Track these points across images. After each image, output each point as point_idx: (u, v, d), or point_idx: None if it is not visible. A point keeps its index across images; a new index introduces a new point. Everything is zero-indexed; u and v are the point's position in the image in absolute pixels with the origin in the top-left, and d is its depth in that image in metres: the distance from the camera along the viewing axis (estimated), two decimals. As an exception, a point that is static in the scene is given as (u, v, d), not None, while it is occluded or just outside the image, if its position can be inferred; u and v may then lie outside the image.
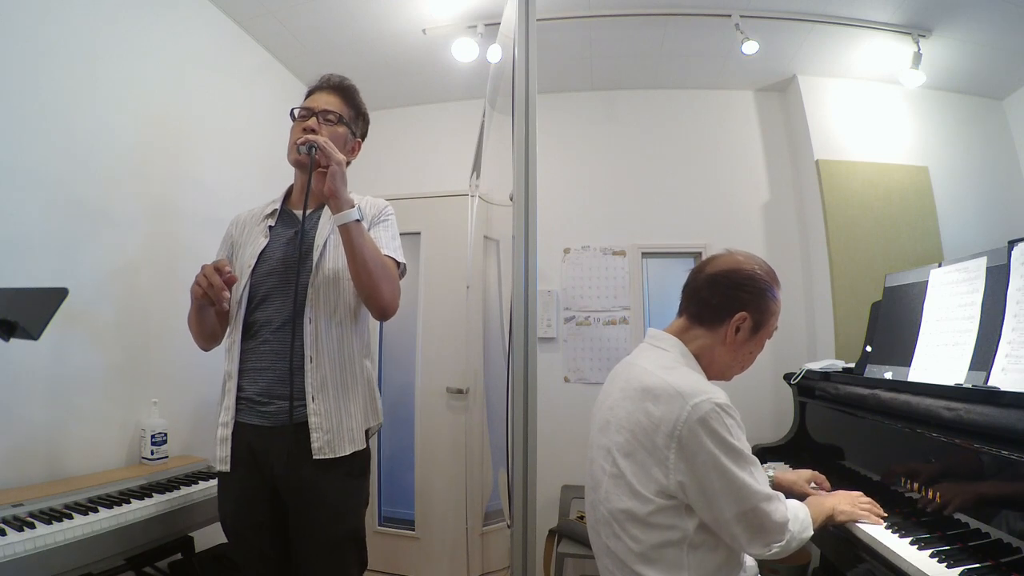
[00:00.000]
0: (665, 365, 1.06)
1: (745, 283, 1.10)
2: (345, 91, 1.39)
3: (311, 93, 1.39)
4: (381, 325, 2.85)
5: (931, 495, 1.22)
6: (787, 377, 2.15)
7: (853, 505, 1.25)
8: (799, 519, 1.04)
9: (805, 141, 2.69)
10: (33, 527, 1.13)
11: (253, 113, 2.42)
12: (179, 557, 1.63)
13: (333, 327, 1.26)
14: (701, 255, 2.78)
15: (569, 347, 2.85)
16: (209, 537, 1.70)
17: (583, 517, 2.24)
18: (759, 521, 0.96)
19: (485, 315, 2.57)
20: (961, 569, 1.00)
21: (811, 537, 1.08)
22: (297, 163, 1.30)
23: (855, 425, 1.64)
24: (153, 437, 1.71)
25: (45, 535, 1.12)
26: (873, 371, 1.69)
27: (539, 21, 1.43)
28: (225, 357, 1.29)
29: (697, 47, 2.61)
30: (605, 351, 2.81)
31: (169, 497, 1.45)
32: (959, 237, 2.48)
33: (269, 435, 1.20)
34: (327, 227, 1.30)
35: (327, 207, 1.26)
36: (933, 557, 1.05)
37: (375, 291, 1.22)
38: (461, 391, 2.69)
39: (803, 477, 1.46)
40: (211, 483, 1.59)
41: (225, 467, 1.22)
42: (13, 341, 0.88)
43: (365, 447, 1.30)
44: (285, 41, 2.50)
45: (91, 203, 1.66)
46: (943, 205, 2.55)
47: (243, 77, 2.39)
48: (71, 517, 1.21)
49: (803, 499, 1.20)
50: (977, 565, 1.01)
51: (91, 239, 1.65)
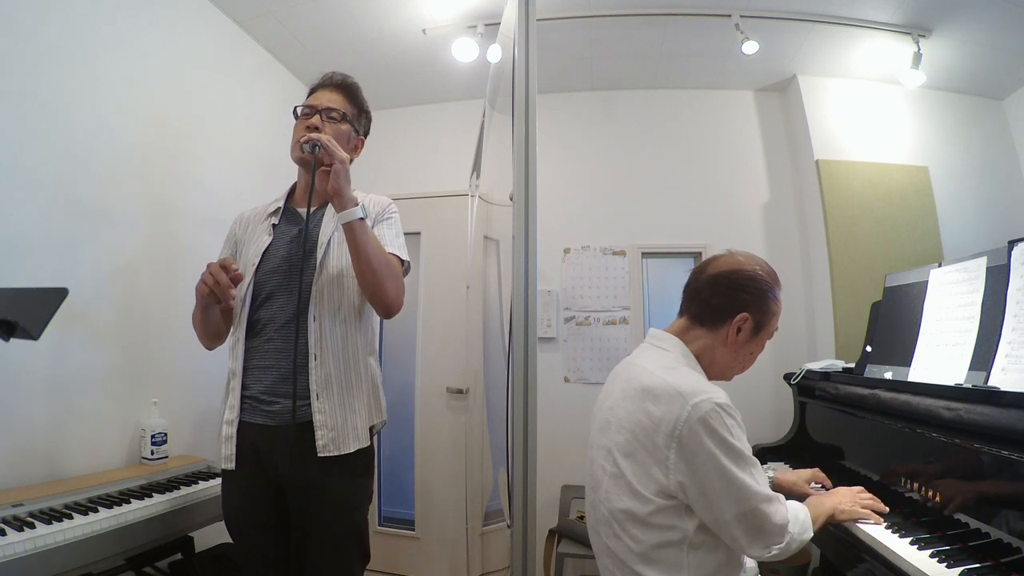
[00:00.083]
0: (666, 365, 1.06)
1: (746, 284, 1.10)
2: (348, 89, 1.38)
3: (314, 91, 1.39)
4: (381, 325, 2.85)
5: (931, 495, 1.22)
6: (787, 377, 2.15)
7: (854, 503, 1.25)
8: (799, 520, 1.04)
9: (805, 141, 2.69)
10: (33, 527, 1.13)
11: (253, 113, 2.42)
12: (179, 557, 1.63)
13: (337, 325, 1.26)
14: (701, 255, 2.78)
15: (569, 347, 2.85)
16: (209, 537, 1.71)
17: (583, 517, 2.24)
18: (759, 522, 0.96)
19: (485, 315, 2.57)
20: (961, 569, 1.00)
21: (811, 538, 1.09)
22: (300, 161, 1.31)
23: (855, 425, 1.64)
24: (153, 437, 1.71)
25: (45, 535, 1.12)
26: (873, 371, 1.69)
27: (539, 21, 1.43)
28: (229, 355, 1.29)
29: (697, 47, 2.61)
30: (605, 351, 2.81)
31: (169, 497, 1.45)
32: (959, 237, 2.48)
33: (273, 434, 1.20)
34: (331, 225, 1.30)
35: (331, 205, 1.26)
36: (933, 557, 1.05)
37: (379, 289, 1.22)
38: (461, 391, 2.69)
39: (803, 477, 1.46)
40: (211, 483, 1.59)
41: (230, 465, 1.22)
42: (13, 341, 0.88)
43: (369, 444, 1.30)
44: (285, 41, 2.50)
45: (91, 203, 1.66)
46: (943, 205, 2.55)
47: (243, 77, 2.39)
48: (71, 517, 1.21)
49: (803, 500, 1.20)
50: (977, 565, 1.01)
51: (91, 239, 1.65)
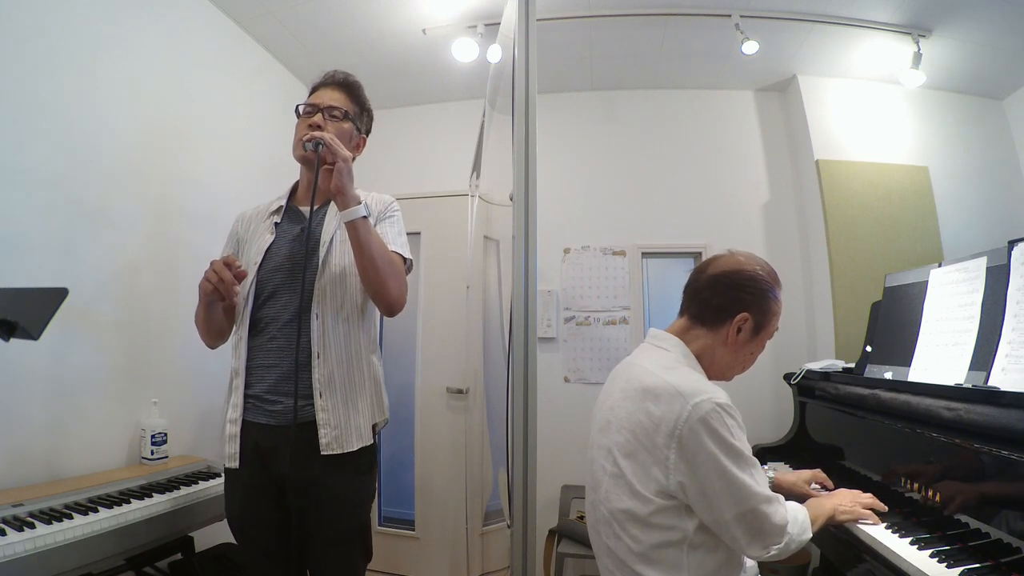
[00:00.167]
0: (666, 365, 1.06)
1: (747, 284, 1.10)
2: (350, 87, 1.38)
3: (315, 89, 1.38)
4: (381, 324, 2.85)
5: (931, 495, 1.22)
6: (787, 377, 2.15)
7: (854, 504, 1.25)
8: (798, 521, 1.04)
9: (805, 141, 2.69)
10: (33, 527, 1.13)
11: (253, 113, 2.42)
12: (179, 557, 1.63)
13: (340, 323, 1.25)
14: (701, 255, 2.78)
15: (569, 347, 2.85)
16: (209, 537, 1.71)
17: (583, 517, 2.24)
18: (758, 523, 0.96)
19: (485, 315, 2.57)
20: (961, 569, 1.00)
21: (811, 538, 1.08)
22: (303, 159, 1.31)
23: (855, 425, 1.64)
24: (153, 437, 1.71)
25: (45, 535, 1.12)
26: (873, 371, 1.69)
27: (539, 21, 1.43)
28: (232, 354, 1.29)
29: (697, 47, 2.61)
30: (605, 351, 2.81)
31: (169, 497, 1.45)
32: (959, 237, 2.48)
33: (277, 433, 1.20)
34: (333, 223, 1.30)
35: (333, 203, 1.26)
36: (933, 557, 1.05)
37: (382, 287, 1.22)
38: (461, 391, 2.69)
39: (803, 478, 1.46)
40: (211, 483, 1.59)
41: (234, 464, 1.22)
42: (13, 341, 0.88)
43: (373, 442, 1.30)
44: (285, 41, 2.50)
45: (91, 203, 1.66)
46: (943, 205, 2.55)
47: (243, 77, 2.39)
48: (71, 517, 1.21)
49: (803, 500, 1.20)
50: (977, 565, 1.01)
51: (91, 239, 1.65)
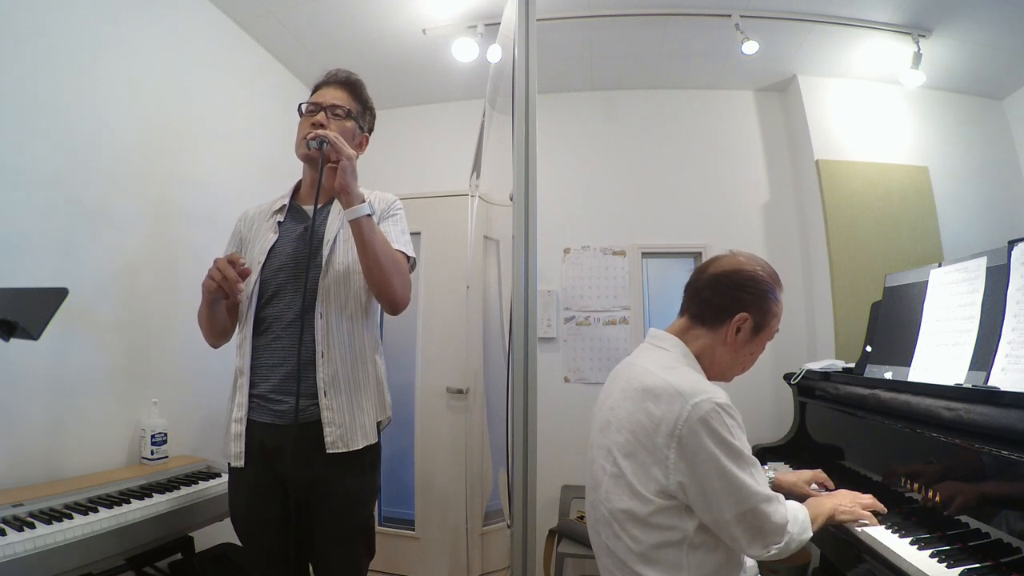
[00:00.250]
0: (666, 365, 1.06)
1: (747, 284, 1.11)
2: (352, 86, 1.38)
3: (318, 88, 1.39)
4: (381, 324, 2.85)
5: (931, 495, 1.22)
6: (787, 377, 2.15)
7: (854, 504, 1.25)
8: (798, 521, 1.04)
9: (805, 141, 2.69)
10: (33, 527, 1.13)
11: (253, 113, 2.42)
12: (179, 557, 1.63)
13: (344, 322, 1.26)
14: (701, 255, 2.78)
15: (569, 347, 2.85)
16: (209, 537, 1.71)
17: (583, 517, 2.24)
18: (758, 522, 0.96)
19: (485, 315, 2.57)
20: (961, 569, 1.00)
21: (811, 538, 1.08)
22: (306, 158, 1.31)
23: (855, 425, 1.64)
24: (153, 437, 1.71)
25: (45, 535, 1.12)
26: (873, 371, 1.69)
27: (539, 21, 1.43)
28: (236, 353, 1.29)
29: (697, 47, 2.61)
30: (605, 351, 2.81)
31: (169, 497, 1.45)
32: (959, 237, 2.48)
33: (282, 433, 1.20)
34: (337, 222, 1.30)
35: (337, 202, 1.26)
36: (933, 557, 1.06)
37: (386, 285, 1.22)
38: (461, 391, 2.69)
39: (803, 478, 1.46)
40: (212, 483, 1.59)
41: (239, 463, 1.22)
42: (13, 341, 0.88)
43: (377, 441, 1.30)
44: (285, 41, 2.49)
45: (91, 203, 1.66)
46: (943, 205, 2.55)
47: (243, 77, 2.39)
48: (71, 517, 1.21)
49: (803, 500, 1.20)
50: (977, 565, 1.01)
51: (91, 239, 1.65)
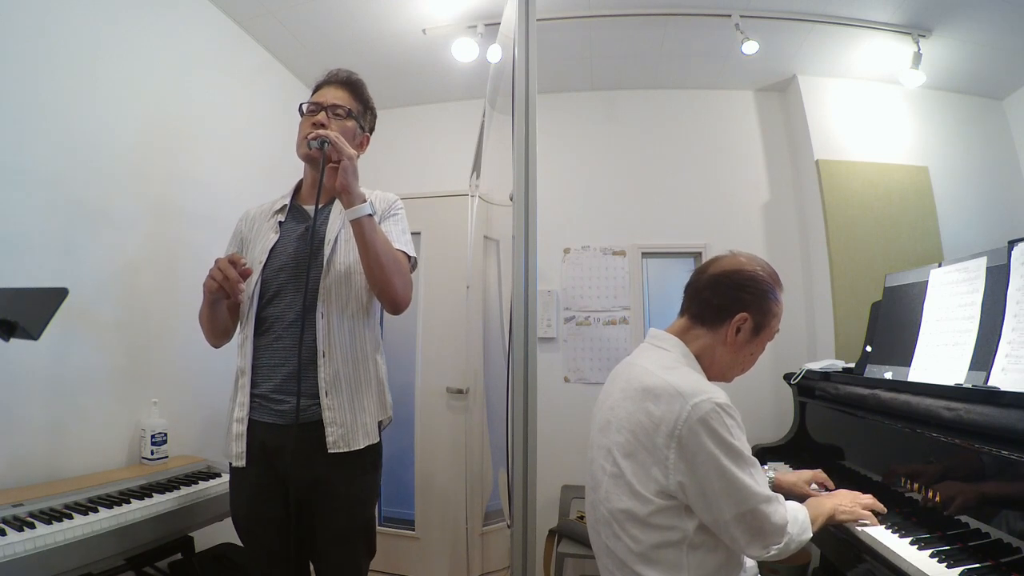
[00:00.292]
0: (666, 365, 1.06)
1: (747, 284, 1.11)
2: (353, 85, 1.38)
3: (319, 87, 1.38)
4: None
5: (931, 495, 1.22)
6: (787, 377, 2.15)
7: (854, 505, 1.25)
8: (798, 521, 1.04)
9: (805, 141, 2.69)
10: (33, 527, 1.13)
11: (253, 113, 2.42)
12: (179, 557, 1.63)
13: (345, 322, 1.26)
14: (701, 255, 2.78)
15: (569, 347, 2.85)
16: (209, 537, 1.71)
17: (583, 517, 2.24)
18: (758, 523, 0.96)
19: (485, 315, 2.57)
20: (961, 569, 1.00)
21: (811, 538, 1.08)
22: (307, 157, 1.30)
23: (855, 425, 1.64)
24: (153, 437, 1.71)
25: (45, 535, 1.12)
26: (873, 371, 1.69)
27: (539, 21, 1.42)
28: (237, 353, 1.29)
29: (697, 47, 2.61)
30: (605, 351, 2.81)
31: (169, 497, 1.45)
32: (959, 237, 2.48)
33: (284, 433, 1.20)
34: (338, 222, 1.30)
35: (337, 202, 1.26)
36: (933, 557, 1.06)
37: (388, 285, 1.22)
38: (461, 391, 2.69)
39: (803, 478, 1.46)
40: (212, 483, 1.59)
41: (241, 463, 1.22)
42: (13, 341, 0.88)
43: (379, 440, 1.30)
44: (285, 41, 2.49)
45: (91, 203, 1.66)
46: (943, 205, 2.55)
47: (243, 77, 2.39)
48: (71, 517, 1.21)
49: (803, 501, 1.20)
50: (977, 565, 1.01)
51: (91, 239, 1.65)
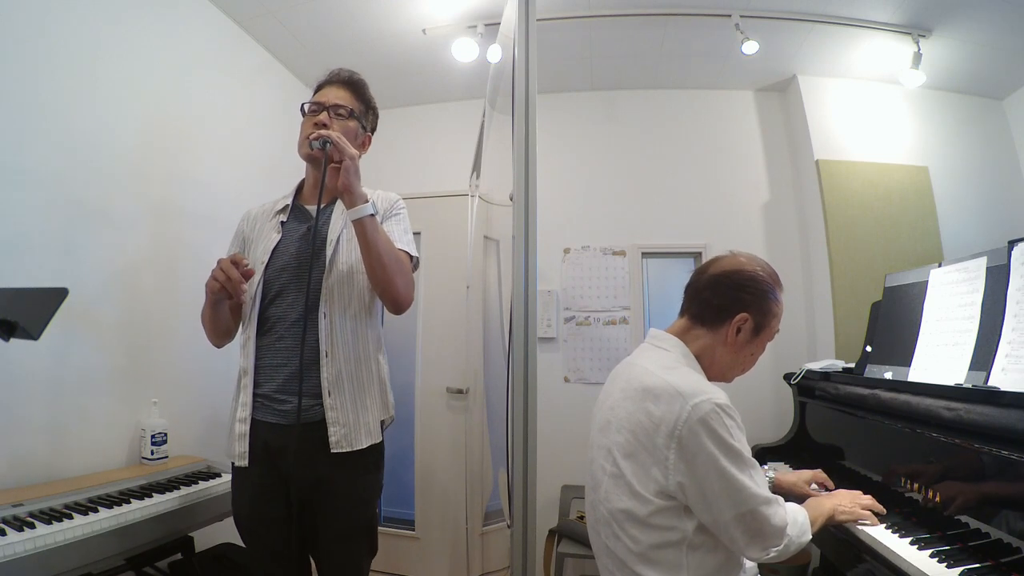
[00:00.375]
0: (666, 365, 1.06)
1: (747, 284, 1.11)
2: (355, 85, 1.38)
3: (320, 87, 1.38)
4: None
5: (931, 495, 1.22)
6: (787, 377, 2.15)
7: (853, 505, 1.25)
8: (798, 523, 1.04)
9: (805, 141, 2.69)
10: (33, 527, 1.13)
11: (253, 113, 2.42)
12: (179, 557, 1.63)
13: (347, 322, 1.26)
14: (701, 255, 2.78)
15: (569, 347, 2.85)
16: (209, 537, 1.71)
17: (583, 517, 2.24)
18: (757, 524, 0.96)
19: (485, 315, 2.57)
20: (961, 569, 1.00)
21: (810, 539, 1.08)
22: (309, 157, 1.31)
23: (855, 425, 1.64)
24: (153, 437, 1.71)
25: (45, 535, 1.12)
26: (873, 371, 1.69)
27: (539, 21, 1.42)
28: (240, 353, 1.29)
29: (697, 47, 2.61)
30: (605, 351, 2.81)
31: (169, 497, 1.45)
32: (959, 237, 2.48)
33: (287, 433, 1.20)
34: (340, 222, 1.30)
35: (340, 202, 1.26)
36: (933, 557, 1.06)
37: (390, 285, 1.22)
38: (461, 391, 2.69)
39: (803, 478, 1.46)
40: (212, 483, 1.59)
41: (244, 462, 1.22)
42: (13, 341, 0.88)
43: (381, 440, 1.30)
44: (285, 41, 2.49)
45: (91, 203, 1.66)
46: (943, 205, 2.55)
47: (243, 77, 2.39)
48: (71, 517, 1.21)
49: (803, 501, 1.20)
50: (977, 565, 1.01)
51: (91, 239, 1.65)
